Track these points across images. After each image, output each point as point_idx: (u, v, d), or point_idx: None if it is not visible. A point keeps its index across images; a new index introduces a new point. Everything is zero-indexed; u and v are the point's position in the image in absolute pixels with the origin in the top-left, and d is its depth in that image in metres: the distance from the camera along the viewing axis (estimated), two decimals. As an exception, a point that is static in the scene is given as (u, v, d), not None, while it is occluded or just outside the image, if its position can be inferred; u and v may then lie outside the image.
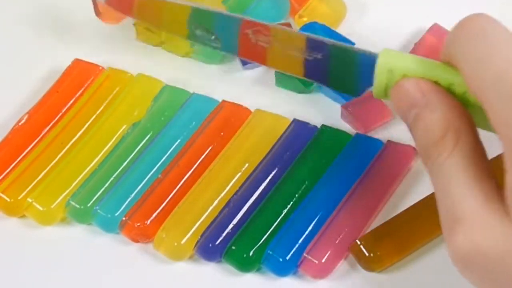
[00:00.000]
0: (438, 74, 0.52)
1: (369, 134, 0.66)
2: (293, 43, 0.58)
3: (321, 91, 0.69)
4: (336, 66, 0.58)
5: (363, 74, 0.56)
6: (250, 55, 0.61)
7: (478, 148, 0.48)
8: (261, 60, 0.60)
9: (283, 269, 0.60)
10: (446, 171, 0.46)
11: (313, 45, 0.58)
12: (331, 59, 0.58)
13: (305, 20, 0.72)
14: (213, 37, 0.62)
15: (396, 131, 0.67)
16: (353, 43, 0.70)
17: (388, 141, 0.65)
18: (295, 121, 0.67)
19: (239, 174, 0.64)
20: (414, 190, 0.64)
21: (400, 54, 0.54)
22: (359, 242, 0.59)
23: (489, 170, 0.47)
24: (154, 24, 0.66)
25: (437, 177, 0.47)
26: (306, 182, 0.63)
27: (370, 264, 0.59)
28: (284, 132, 0.66)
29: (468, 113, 0.50)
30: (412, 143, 0.60)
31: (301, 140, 0.65)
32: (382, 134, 0.66)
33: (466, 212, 0.44)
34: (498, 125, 0.45)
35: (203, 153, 0.65)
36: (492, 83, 0.45)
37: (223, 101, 0.68)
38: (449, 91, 0.52)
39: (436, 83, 0.52)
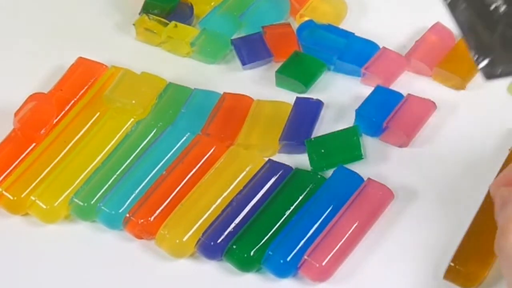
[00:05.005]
0: None
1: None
2: None
3: (336, 70, 0.71)
4: None
5: None
6: None
7: None
8: None
9: (283, 271, 0.60)
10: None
11: None
12: None
13: (306, 19, 0.72)
14: None
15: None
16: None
17: (408, 94, 0.67)
18: (297, 99, 0.68)
19: (244, 173, 0.64)
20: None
21: None
22: (453, 264, 0.59)
23: None
24: None
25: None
26: (311, 185, 0.63)
27: (469, 280, 0.59)
28: (291, 111, 0.67)
29: None
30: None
31: (308, 117, 0.67)
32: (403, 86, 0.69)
33: None
34: None
35: (209, 151, 0.65)
36: None
37: (225, 93, 0.69)
38: None
39: None
